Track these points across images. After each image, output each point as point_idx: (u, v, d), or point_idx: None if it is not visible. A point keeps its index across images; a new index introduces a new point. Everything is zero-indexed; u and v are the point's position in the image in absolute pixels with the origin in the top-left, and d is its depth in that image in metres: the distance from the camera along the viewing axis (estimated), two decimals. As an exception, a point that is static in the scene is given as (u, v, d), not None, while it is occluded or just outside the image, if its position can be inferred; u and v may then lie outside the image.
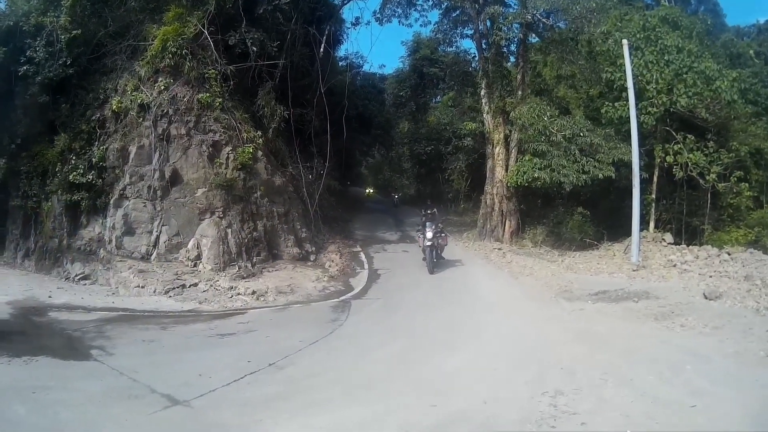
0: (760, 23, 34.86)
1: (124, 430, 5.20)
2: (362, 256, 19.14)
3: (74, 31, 15.16)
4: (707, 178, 19.63)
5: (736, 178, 19.80)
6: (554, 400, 6.10)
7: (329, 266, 16.78)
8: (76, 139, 15.34)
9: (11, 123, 15.73)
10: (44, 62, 15.01)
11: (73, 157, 14.92)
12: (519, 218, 22.33)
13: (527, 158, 20.48)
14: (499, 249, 20.01)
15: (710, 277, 13.26)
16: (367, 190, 51.15)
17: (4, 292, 10.32)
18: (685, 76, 19.07)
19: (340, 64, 28.84)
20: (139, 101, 15.13)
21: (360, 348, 8.81)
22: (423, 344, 8.94)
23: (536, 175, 19.56)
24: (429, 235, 15.84)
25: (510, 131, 22.16)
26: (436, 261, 16.13)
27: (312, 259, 17.45)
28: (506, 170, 21.71)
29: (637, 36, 19.86)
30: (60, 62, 15.12)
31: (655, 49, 19.62)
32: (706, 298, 11.02)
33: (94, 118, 15.53)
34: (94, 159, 14.80)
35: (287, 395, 6.46)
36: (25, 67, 14.85)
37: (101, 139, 15.30)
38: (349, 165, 34.35)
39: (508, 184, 21.36)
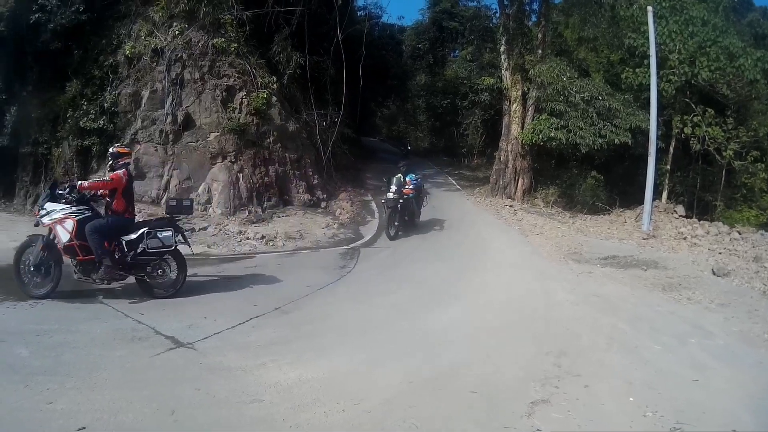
0: (790, 6, 33.79)
1: (126, 372, 5.20)
2: (373, 205, 19.10)
3: None
4: (724, 154, 19.50)
5: (752, 158, 19.55)
6: (558, 360, 6.12)
7: (339, 214, 16.81)
8: (88, 84, 15.34)
9: (22, 70, 15.63)
10: (56, 9, 14.85)
11: (85, 103, 14.96)
12: (532, 177, 22.10)
13: (544, 117, 20.19)
14: (511, 206, 19.94)
15: (719, 253, 13.26)
16: None
17: (12, 238, 10.31)
18: (708, 49, 18.65)
19: (359, 13, 28.43)
20: (152, 46, 15.10)
21: (367, 296, 8.83)
22: (429, 295, 8.96)
23: (552, 134, 19.36)
24: (393, 189, 14.21)
25: (528, 89, 21.73)
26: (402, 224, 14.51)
27: (323, 206, 17.45)
28: (522, 128, 21.38)
29: (663, 4, 19.25)
30: (73, 9, 14.97)
31: (679, 19, 19.10)
32: (714, 274, 11.03)
33: (106, 63, 15.50)
34: (105, 104, 14.87)
35: (291, 340, 6.49)
36: (37, 15, 14.69)
37: (113, 84, 15.31)
38: (364, 115, 33.95)
39: (523, 142, 21.06)
